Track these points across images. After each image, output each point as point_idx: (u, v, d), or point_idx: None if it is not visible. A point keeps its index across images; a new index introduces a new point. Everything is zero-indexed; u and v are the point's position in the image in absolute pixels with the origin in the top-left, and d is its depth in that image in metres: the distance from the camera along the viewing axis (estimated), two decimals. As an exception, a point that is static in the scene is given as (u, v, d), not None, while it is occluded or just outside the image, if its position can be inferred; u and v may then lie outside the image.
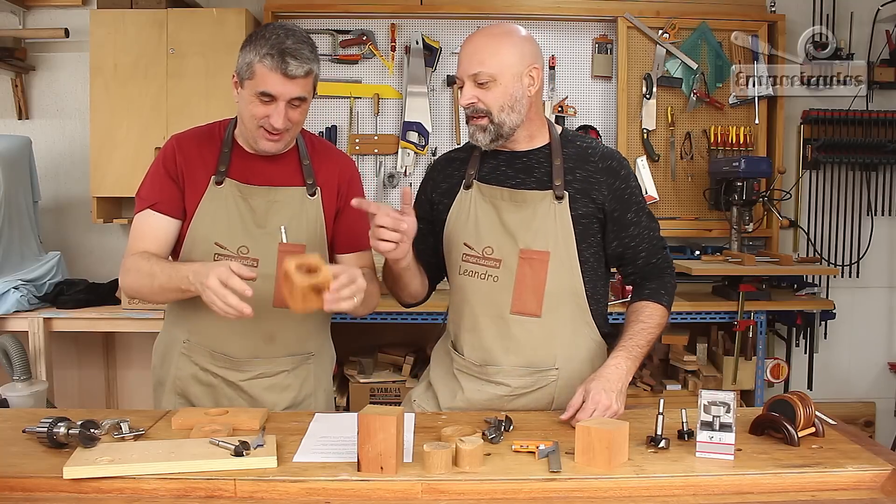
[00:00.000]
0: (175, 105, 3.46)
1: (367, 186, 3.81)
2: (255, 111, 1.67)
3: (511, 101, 1.66)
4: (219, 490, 1.29)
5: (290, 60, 1.63)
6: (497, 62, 1.64)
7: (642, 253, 1.78)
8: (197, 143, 1.78)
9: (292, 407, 1.83)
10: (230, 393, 1.79)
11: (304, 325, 1.82)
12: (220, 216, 1.74)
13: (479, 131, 1.69)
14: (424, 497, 1.29)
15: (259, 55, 1.63)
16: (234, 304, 1.46)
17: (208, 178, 1.75)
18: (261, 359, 1.79)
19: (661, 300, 1.77)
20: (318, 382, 1.89)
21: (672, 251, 3.75)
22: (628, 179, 1.75)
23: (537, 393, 1.74)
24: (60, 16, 3.74)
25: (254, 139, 1.72)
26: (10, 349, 3.04)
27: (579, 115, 3.81)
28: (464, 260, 1.76)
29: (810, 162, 3.82)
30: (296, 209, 1.78)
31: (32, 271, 3.32)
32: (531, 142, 1.76)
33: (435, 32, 3.78)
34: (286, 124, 1.68)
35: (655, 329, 1.75)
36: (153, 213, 1.74)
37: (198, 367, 1.79)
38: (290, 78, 1.64)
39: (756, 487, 1.33)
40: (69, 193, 3.82)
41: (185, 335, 1.80)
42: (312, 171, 1.80)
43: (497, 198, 1.74)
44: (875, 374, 3.99)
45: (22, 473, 1.31)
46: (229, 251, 1.74)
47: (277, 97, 1.65)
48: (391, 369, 3.55)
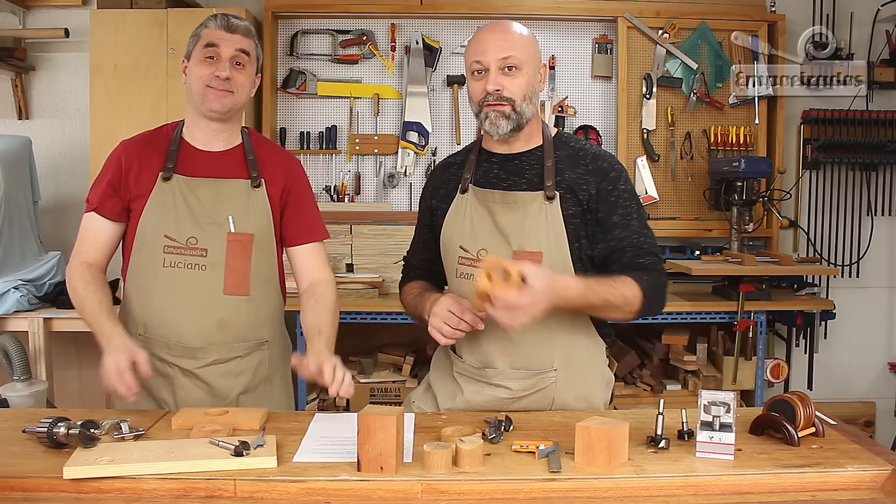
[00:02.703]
0: (175, 105, 3.45)
1: (367, 186, 3.82)
2: (202, 71, 1.77)
3: (531, 91, 1.69)
4: (219, 490, 1.29)
5: (231, 18, 1.80)
6: (524, 50, 1.67)
7: (627, 252, 1.70)
8: (144, 146, 1.85)
9: (247, 392, 1.86)
10: (186, 382, 1.82)
11: (256, 313, 1.86)
12: (169, 210, 1.79)
13: (501, 118, 1.68)
14: (424, 497, 1.29)
15: (203, 24, 1.81)
16: (121, 392, 1.57)
17: (155, 177, 1.81)
18: (215, 345, 1.82)
19: (640, 281, 1.65)
20: (273, 368, 1.91)
21: (672, 251, 3.82)
22: (617, 182, 1.71)
23: (537, 395, 1.74)
24: (60, 16, 3.74)
25: (202, 101, 1.79)
26: (10, 349, 3.03)
27: (579, 115, 3.81)
28: (460, 263, 1.76)
29: (810, 162, 3.82)
30: (242, 200, 1.83)
31: (32, 271, 3.32)
32: (528, 141, 1.77)
33: (435, 32, 3.78)
34: (231, 76, 1.77)
35: (619, 298, 1.62)
36: (96, 216, 1.83)
37: (155, 357, 1.80)
38: (231, 31, 1.78)
39: (756, 487, 1.33)
40: (69, 193, 3.82)
41: (141, 329, 1.83)
42: (257, 165, 1.86)
43: (490, 200, 1.74)
44: (875, 374, 3.99)
45: (22, 473, 1.31)
46: (178, 242, 1.79)
47: (220, 46, 1.77)
48: (391, 369, 3.55)
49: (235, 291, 1.80)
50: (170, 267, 1.78)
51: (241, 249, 1.80)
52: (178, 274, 1.78)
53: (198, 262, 1.78)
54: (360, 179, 3.81)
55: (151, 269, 1.79)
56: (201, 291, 1.78)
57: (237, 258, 1.80)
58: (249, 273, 1.82)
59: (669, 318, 3.34)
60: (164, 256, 1.78)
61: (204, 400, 1.81)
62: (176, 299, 1.78)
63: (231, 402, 1.83)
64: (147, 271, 1.80)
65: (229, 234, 1.80)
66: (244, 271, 1.81)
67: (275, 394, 1.91)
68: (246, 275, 1.81)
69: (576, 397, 1.75)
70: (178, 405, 1.79)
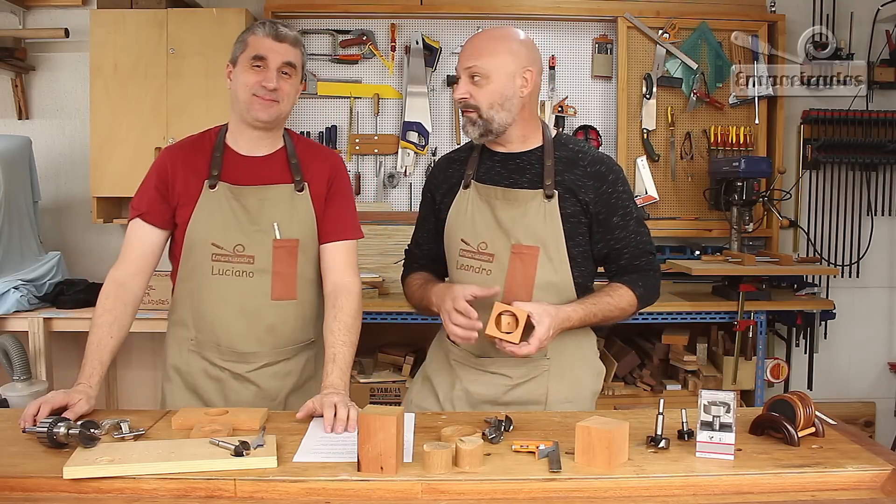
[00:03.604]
0: (175, 105, 3.46)
1: (367, 186, 3.82)
2: (248, 79, 1.77)
3: (501, 99, 1.73)
4: (219, 490, 1.29)
5: (279, 27, 1.80)
6: (491, 61, 1.72)
7: (626, 254, 1.83)
8: (188, 153, 1.86)
9: (294, 391, 1.90)
10: (236, 385, 1.85)
11: (302, 315, 1.89)
12: (215, 218, 1.81)
13: (469, 124, 1.78)
14: (424, 497, 1.29)
15: (250, 30, 1.81)
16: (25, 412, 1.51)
17: (202, 184, 1.82)
18: (265, 350, 1.85)
19: (636, 289, 1.80)
20: (318, 365, 1.93)
21: (672, 251, 3.82)
22: (616, 185, 1.79)
23: (531, 383, 1.81)
24: (60, 16, 3.74)
25: (247, 110, 1.79)
26: (10, 349, 3.04)
27: (579, 115, 3.81)
28: (461, 255, 1.83)
29: (810, 162, 3.82)
30: (286, 206, 1.84)
31: (32, 271, 3.32)
32: (525, 142, 1.82)
33: (435, 32, 3.78)
34: (277, 86, 1.78)
35: (617, 311, 1.78)
36: (141, 223, 1.83)
37: (207, 361, 1.85)
38: (280, 40, 1.78)
39: (756, 487, 1.33)
40: (69, 193, 3.82)
41: (193, 333, 1.86)
42: (300, 169, 1.87)
43: (492, 196, 1.81)
44: (875, 374, 3.99)
45: (22, 473, 1.31)
46: (225, 250, 1.81)
47: (268, 58, 1.77)
48: (391, 369, 3.56)
49: (283, 297, 1.83)
50: (218, 274, 1.81)
51: (288, 255, 1.83)
52: (226, 281, 1.81)
53: (245, 269, 1.81)
54: (360, 179, 3.81)
55: (200, 277, 1.82)
56: (250, 298, 1.81)
57: (284, 264, 1.82)
58: (296, 278, 1.84)
59: (669, 318, 3.34)
60: (213, 264, 1.81)
61: (253, 401, 1.83)
62: (225, 306, 1.81)
63: (279, 403, 1.86)
64: (196, 278, 1.83)
65: (275, 240, 1.82)
66: (291, 276, 1.83)
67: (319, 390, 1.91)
68: (293, 280, 1.84)
69: (569, 386, 1.82)
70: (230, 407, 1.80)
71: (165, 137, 3.40)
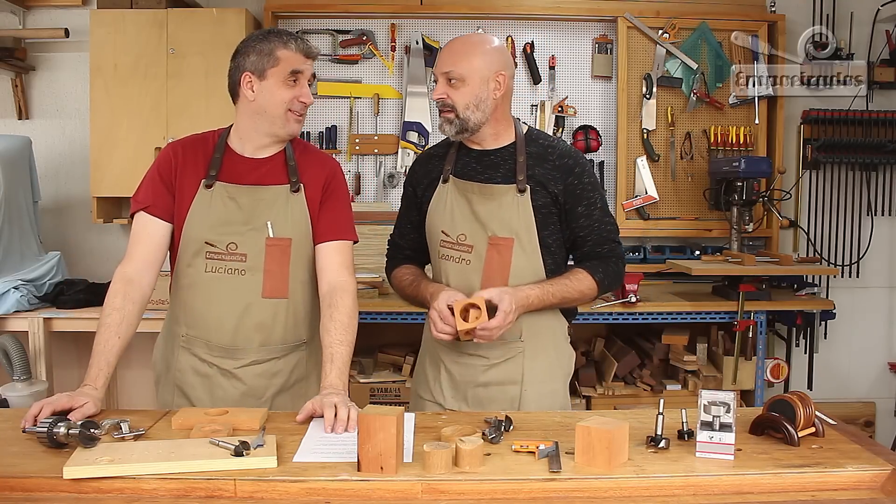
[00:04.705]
0: (175, 105, 3.46)
1: (367, 186, 3.82)
2: (285, 95, 1.80)
3: (476, 100, 1.86)
4: (219, 490, 1.29)
5: (307, 42, 1.84)
6: (467, 65, 1.85)
7: (589, 241, 1.95)
8: (191, 150, 1.88)
9: (282, 391, 1.91)
10: (224, 382, 1.86)
11: (294, 314, 1.89)
12: (209, 216, 1.83)
13: (445, 123, 1.90)
14: (424, 497, 1.29)
15: (279, 43, 1.80)
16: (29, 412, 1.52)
17: (199, 183, 1.84)
18: (254, 347, 1.86)
19: (595, 274, 1.92)
20: (311, 367, 1.95)
21: (672, 251, 3.82)
22: (581, 177, 1.92)
23: (507, 364, 1.93)
24: (60, 16, 3.74)
25: (283, 125, 1.83)
26: (10, 349, 3.04)
27: (579, 115, 3.81)
28: (441, 245, 1.96)
29: (810, 162, 3.82)
30: (281, 205, 1.86)
31: (32, 271, 3.32)
32: (497, 139, 1.95)
33: (435, 32, 3.78)
34: (311, 100, 1.85)
35: (575, 293, 1.91)
36: (147, 217, 1.84)
37: (196, 357, 1.87)
38: (310, 57, 1.84)
39: (756, 487, 1.33)
40: (69, 193, 3.82)
41: (184, 329, 1.88)
42: (297, 171, 1.89)
43: (469, 191, 1.93)
44: (875, 374, 3.99)
45: (22, 473, 1.31)
46: (219, 248, 1.83)
47: (304, 74, 1.82)
48: (391, 369, 3.56)
49: (274, 294, 1.84)
50: (211, 272, 1.83)
51: (280, 254, 1.84)
52: (218, 278, 1.82)
53: (238, 266, 1.83)
54: (360, 179, 3.81)
55: (194, 274, 1.84)
56: (241, 295, 1.83)
57: (276, 262, 1.84)
58: (288, 276, 1.85)
59: (669, 318, 3.34)
60: (206, 262, 1.82)
61: (240, 400, 1.84)
62: (216, 303, 1.83)
63: (266, 402, 1.86)
64: (190, 275, 1.85)
65: (268, 238, 1.83)
66: (283, 275, 1.85)
67: (310, 392, 1.90)
68: (284, 278, 1.85)
69: (542, 367, 1.95)
70: (215, 404, 1.82)
71: (165, 137, 3.40)
